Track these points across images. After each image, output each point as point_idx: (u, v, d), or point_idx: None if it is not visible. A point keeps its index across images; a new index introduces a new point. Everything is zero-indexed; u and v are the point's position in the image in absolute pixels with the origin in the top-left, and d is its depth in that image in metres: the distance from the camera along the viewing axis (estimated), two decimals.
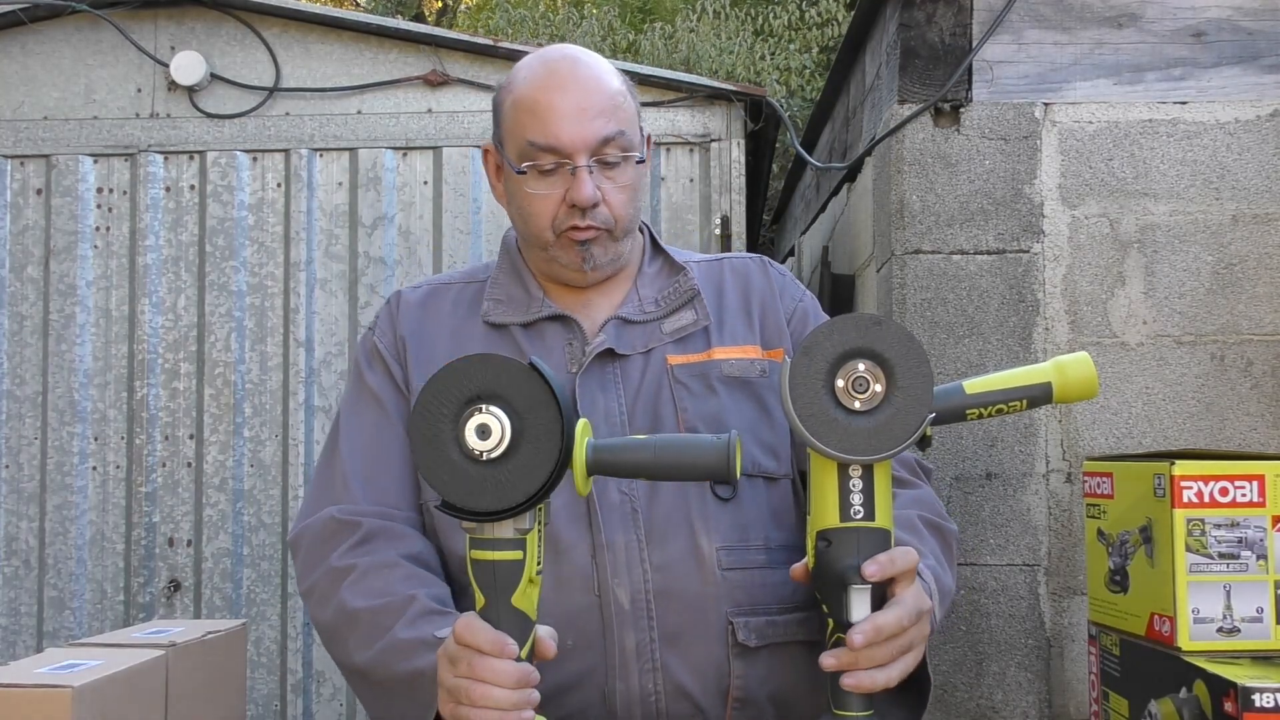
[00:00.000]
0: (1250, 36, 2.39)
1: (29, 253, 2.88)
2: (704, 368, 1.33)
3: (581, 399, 1.30)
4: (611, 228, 1.32)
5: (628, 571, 1.25)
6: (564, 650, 1.21)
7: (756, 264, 1.45)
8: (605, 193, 1.31)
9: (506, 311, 1.36)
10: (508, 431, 0.98)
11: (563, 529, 1.26)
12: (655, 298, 1.38)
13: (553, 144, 1.28)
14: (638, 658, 1.24)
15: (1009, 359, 2.33)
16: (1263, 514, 1.46)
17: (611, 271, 1.38)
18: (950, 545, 1.32)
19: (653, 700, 1.24)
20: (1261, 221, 2.35)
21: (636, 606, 1.25)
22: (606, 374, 1.32)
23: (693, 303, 1.37)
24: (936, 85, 2.39)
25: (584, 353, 1.32)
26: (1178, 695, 1.40)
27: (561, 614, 1.22)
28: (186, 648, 1.58)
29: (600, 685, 1.24)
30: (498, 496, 0.99)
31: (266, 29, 2.90)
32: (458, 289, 1.42)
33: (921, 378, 1.02)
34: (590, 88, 1.31)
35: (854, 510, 1.04)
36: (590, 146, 1.29)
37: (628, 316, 1.36)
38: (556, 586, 1.24)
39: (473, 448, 0.98)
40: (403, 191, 2.88)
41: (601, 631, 1.24)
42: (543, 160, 1.29)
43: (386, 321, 1.40)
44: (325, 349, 2.85)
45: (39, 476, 2.84)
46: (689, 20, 8.08)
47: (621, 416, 1.30)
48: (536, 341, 1.35)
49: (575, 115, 1.28)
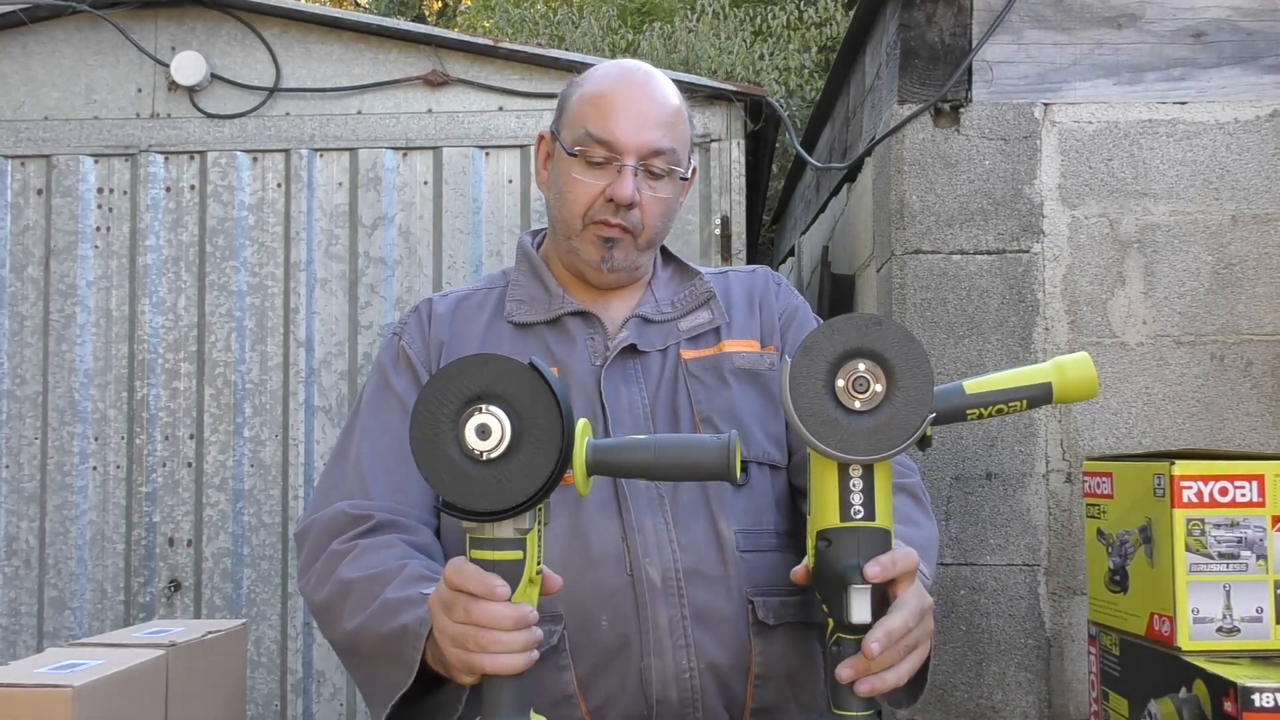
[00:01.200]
0: (1250, 36, 2.39)
1: (29, 253, 2.88)
2: (716, 361, 1.40)
3: (606, 391, 1.36)
4: (639, 233, 1.39)
5: (658, 551, 1.29)
6: (599, 630, 1.27)
7: (759, 272, 1.53)
8: (643, 199, 1.37)
9: (529, 311, 1.42)
10: (508, 431, 0.98)
11: (593, 515, 1.30)
12: (671, 299, 1.45)
13: (607, 139, 1.35)
14: (670, 633, 1.28)
15: (1009, 359, 2.33)
16: (1262, 514, 1.46)
17: (627, 280, 1.44)
18: (917, 496, 1.38)
19: (687, 677, 1.28)
20: (1261, 221, 2.35)
21: (668, 584, 1.29)
22: (629, 368, 1.38)
23: (709, 303, 1.45)
24: (936, 85, 2.39)
25: (606, 347, 1.39)
26: (1177, 695, 1.40)
27: (596, 595, 1.28)
28: (186, 648, 1.58)
29: (636, 663, 1.28)
30: (498, 496, 0.99)
31: (266, 29, 2.90)
32: (481, 295, 1.48)
33: (921, 378, 1.02)
34: (655, 99, 1.39)
35: (854, 510, 1.05)
36: (640, 151, 1.36)
37: (647, 316, 1.42)
38: (590, 569, 1.28)
39: (473, 448, 0.98)
40: (403, 191, 2.88)
41: (635, 609, 1.28)
42: (594, 151, 1.36)
43: (416, 329, 1.44)
44: (325, 349, 2.85)
45: (39, 476, 2.84)
46: (688, 20, 8.07)
47: (645, 409, 1.36)
48: (561, 337, 1.41)
49: (635, 119, 1.36)
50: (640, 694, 1.28)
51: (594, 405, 1.35)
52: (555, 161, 1.43)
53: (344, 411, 2.82)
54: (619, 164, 1.36)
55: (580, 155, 1.37)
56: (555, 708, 1.28)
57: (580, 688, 1.28)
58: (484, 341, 1.41)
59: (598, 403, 1.36)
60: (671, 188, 1.41)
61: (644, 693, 1.28)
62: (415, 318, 1.46)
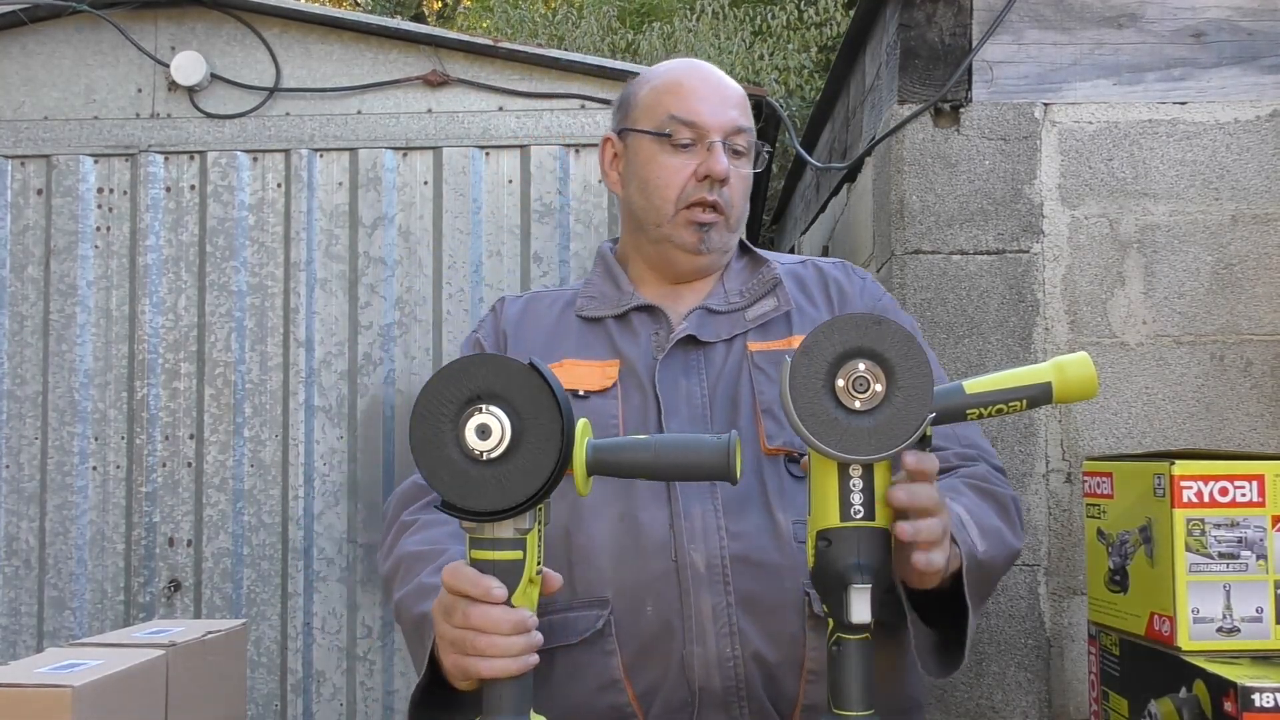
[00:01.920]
0: (1250, 37, 2.39)
1: (29, 253, 2.88)
2: (785, 353, 1.40)
3: (662, 383, 1.37)
4: (730, 212, 1.42)
5: (704, 538, 1.30)
6: (644, 615, 1.28)
7: (840, 265, 1.54)
8: (731, 178, 1.41)
9: (599, 306, 1.47)
10: (508, 431, 0.98)
11: (644, 502, 1.32)
12: (740, 289, 1.47)
13: (694, 119, 1.40)
14: (714, 620, 1.28)
15: (1009, 359, 2.33)
16: (1263, 514, 1.46)
17: (720, 262, 1.47)
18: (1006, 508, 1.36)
19: (730, 665, 1.27)
20: (1261, 222, 2.35)
21: (712, 570, 1.29)
22: (690, 360, 1.40)
23: (775, 291, 1.45)
24: (936, 85, 2.39)
25: (667, 339, 1.41)
26: (1177, 695, 1.40)
27: (640, 581, 1.29)
28: (186, 648, 1.58)
29: (679, 649, 1.28)
30: (498, 496, 0.99)
31: (266, 29, 2.90)
32: (553, 295, 1.53)
33: (921, 378, 1.02)
34: (727, 83, 1.46)
35: (854, 510, 1.05)
36: (725, 129, 1.40)
37: (713, 306, 1.44)
38: (635, 556, 1.30)
39: (473, 448, 0.98)
40: (403, 191, 2.88)
41: (679, 595, 1.28)
42: (681, 134, 1.40)
43: (491, 323, 1.51)
44: (325, 349, 2.85)
45: (39, 476, 2.84)
46: (688, 20, 8.07)
47: (703, 399, 1.37)
48: (626, 330, 1.45)
49: (717, 100, 1.42)
50: (683, 680, 1.28)
51: (649, 396, 1.37)
52: (631, 156, 1.45)
53: (344, 411, 2.83)
54: (708, 141, 1.38)
55: (669, 139, 1.39)
56: (602, 692, 1.29)
57: (626, 673, 1.29)
58: (551, 334, 1.46)
59: (652, 394, 1.37)
60: (749, 168, 1.45)
61: (686, 679, 1.28)
62: (491, 315, 1.53)
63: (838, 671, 1.06)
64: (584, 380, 1.41)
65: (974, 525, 1.23)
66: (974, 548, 1.21)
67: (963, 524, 1.21)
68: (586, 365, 1.42)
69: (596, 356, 1.44)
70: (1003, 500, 1.36)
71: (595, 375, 1.42)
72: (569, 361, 1.43)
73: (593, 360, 1.43)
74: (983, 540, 1.23)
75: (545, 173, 2.83)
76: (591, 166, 2.81)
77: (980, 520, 1.26)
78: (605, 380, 1.41)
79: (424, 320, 2.84)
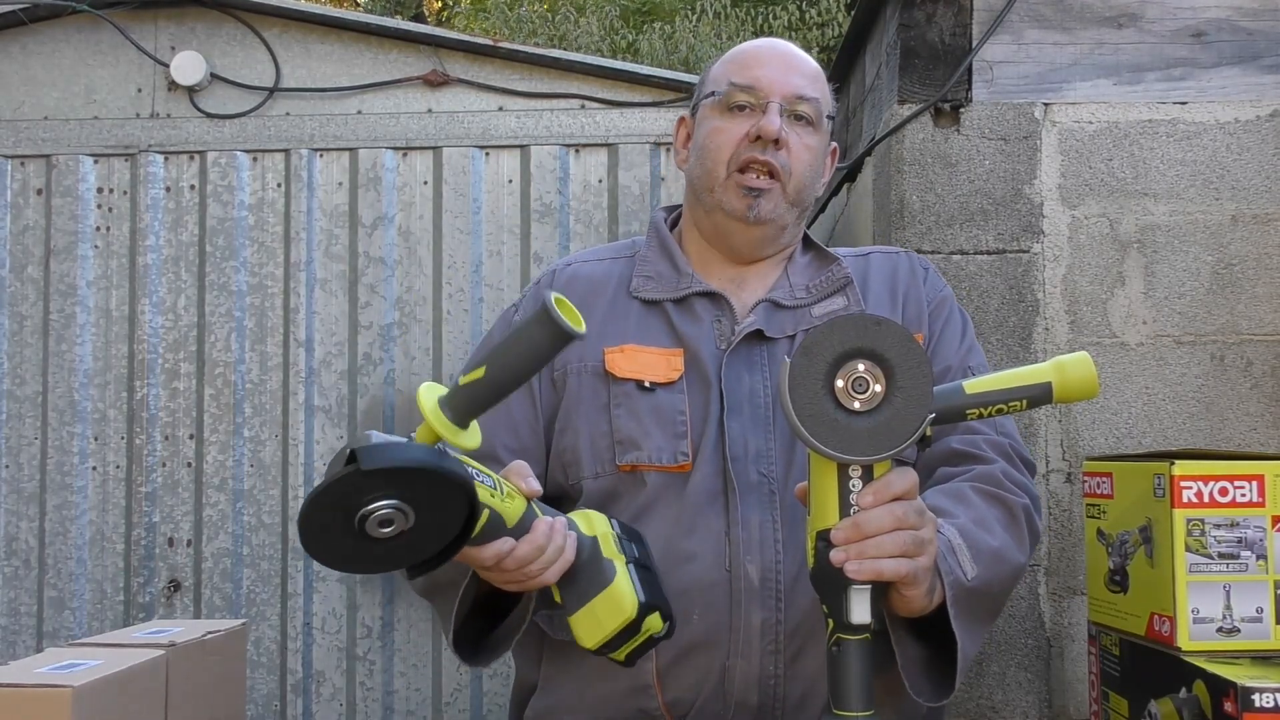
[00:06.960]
0: (1250, 37, 2.39)
1: (29, 253, 2.89)
2: None
3: (727, 377, 1.32)
4: (787, 179, 1.36)
5: (760, 550, 1.26)
6: (688, 622, 1.24)
7: (903, 256, 1.49)
8: (790, 143, 1.36)
9: (657, 288, 1.40)
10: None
11: (700, 507, 1.28)
12: (806, 285, 1.41)
13: (750, 83, 1.36)
14: (762, 637, 1.25)
15: (1009, 359, 2.33)
16: (1262, 514, 1.46)
17: (777, 238, 1.41)
18: (1015, 517, 1.30)
19: (772, 683, 1.25)
20: (1261, 222, 2.35)
21: (766, 585, 1.25)
22: (754, 355, 1.35)
23: (845, 290, 1.41)
24: (936, 85, 2.39)
25: (733, 331, 1.35)
26: (1178, 695, 1.40)
27: (691, 587, 1.25)
28: (186, 648, 1.58)
29: (720, 660, 1.25)
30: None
31: (266, 29, 2.90)
32: (606, 265, 1.46)
33: (921, 378, 1.02)
34: (799, 54, 1.42)
35: (854, 510, 1.05)
36: (785, 94, 1.36)
37: (779, 300, 1.39)
38: (688, 561, 1.26)
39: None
40: (403, 191, 2.88)
41: (729, 607, 1.25)
42: (737, 97, 1.37)
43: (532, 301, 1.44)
44: (325, 349, 2.85)
45: (39, 476, 2.84)
46: (689, 21, 8.07)
47: (766, 397, 1.32)
48: (688, 316, 1.38)
49: (780, 66, 1.38)
50: (720, 692, 1.25)
51: (713, 391, 1.32)
52: (696, 130, 1.43)
53: (344, 411, 2.83)
54: (765, 103, 1.35)
55: (723, 102, 1.37)
56: (633, 695, 1.27)
57: (659, 679, 1.26)
58: (607, 315, 1.40)
59: (716, 389, 1.32)
60: (818, 140, 1.40)
61: (724, 691, 1.25)
62: (534, 290, 1.48)
63: (838, 672, 1.05)
64: (650, 369, 1.34)
65: (965, 549, 1.18)
66: (961, 576, 1.16)
67: (952, 550, 1.17)
68: (649, 352, 1.36)
69: (659, 344, 1.37)
70: (1012, 508, 1.30)
71: (661, 365, 1.35)
72: (630, 347, 1.37)
73: (655, 347, 1.37)
74: (974, 565, 1.19)
75: (545, 173, 2.83)
76: (591, 166, 2.81)
77: (976, 541, 1.21)
78: (672, 372, 1.34)
79: (424, 320, 2.84)
